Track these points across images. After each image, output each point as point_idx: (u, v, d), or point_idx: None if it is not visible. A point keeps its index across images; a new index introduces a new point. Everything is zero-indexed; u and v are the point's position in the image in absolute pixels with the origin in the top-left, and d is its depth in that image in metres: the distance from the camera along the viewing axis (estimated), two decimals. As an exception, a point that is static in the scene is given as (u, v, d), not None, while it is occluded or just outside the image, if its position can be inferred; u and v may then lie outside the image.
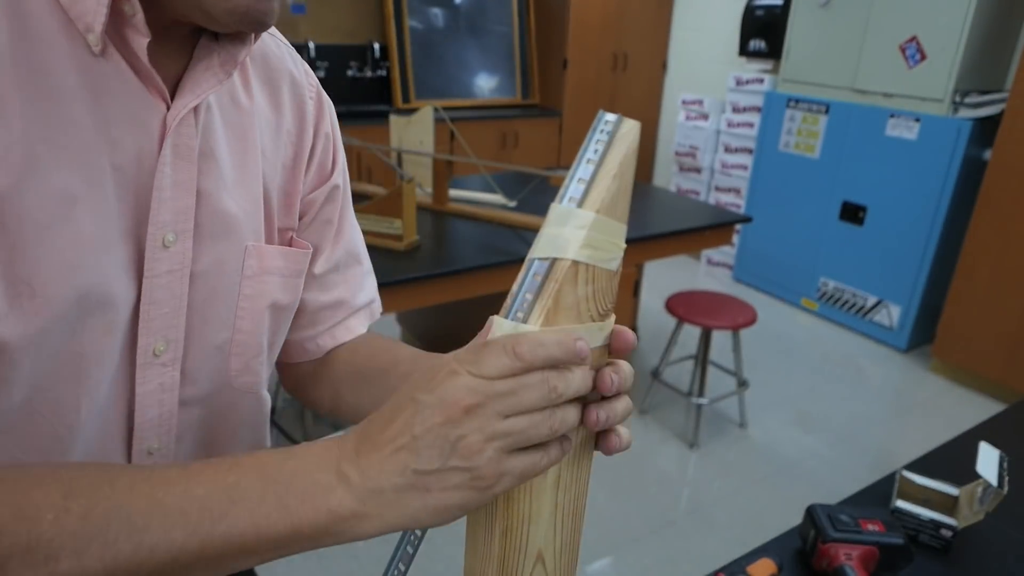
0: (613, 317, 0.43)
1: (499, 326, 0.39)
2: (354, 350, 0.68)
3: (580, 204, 0.38)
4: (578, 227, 0.38)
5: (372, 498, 0.37)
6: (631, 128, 0.40)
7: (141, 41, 0.41)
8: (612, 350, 0.42)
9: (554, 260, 0.38)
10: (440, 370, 0.38)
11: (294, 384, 0.72)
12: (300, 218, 0.61)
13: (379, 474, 0.37)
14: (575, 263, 0.38)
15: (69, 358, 0.44)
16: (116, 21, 0.40)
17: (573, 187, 0.39)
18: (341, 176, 0.64)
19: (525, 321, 0.38)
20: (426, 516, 0.37)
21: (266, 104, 0.56)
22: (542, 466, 0.39)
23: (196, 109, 0.47)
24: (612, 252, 0.40)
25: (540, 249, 0.39)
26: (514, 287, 0.39)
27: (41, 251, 0.40)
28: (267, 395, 0.63)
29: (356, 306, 0.68)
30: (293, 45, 0.60)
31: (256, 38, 0.50)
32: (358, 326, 0.69)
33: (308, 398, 0.71)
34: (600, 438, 0.44)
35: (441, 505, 0.37)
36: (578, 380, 0.39)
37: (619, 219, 0.40)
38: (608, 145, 0.39)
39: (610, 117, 0.40)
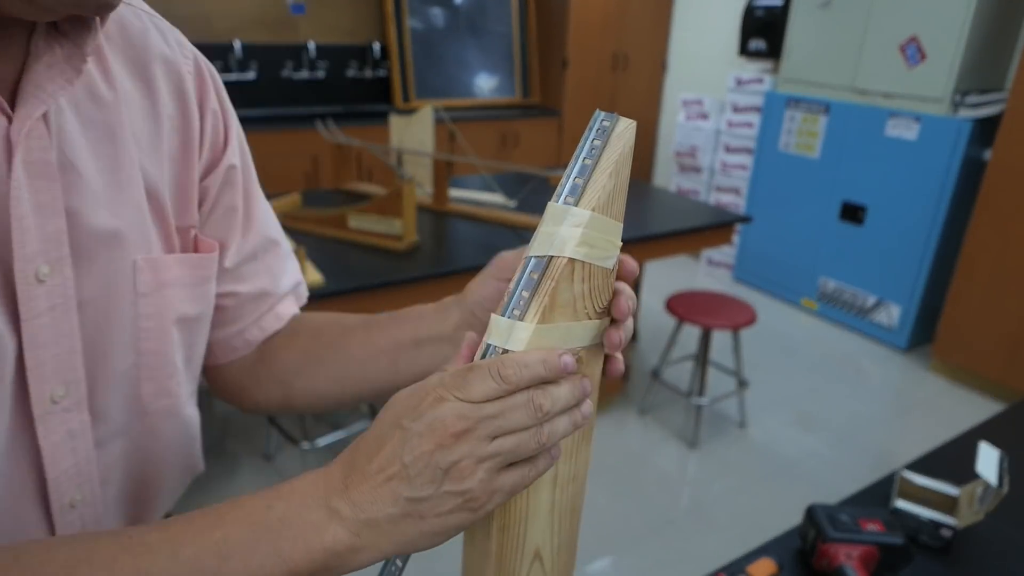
0: (609, 316, 0.43)
1: (496, 324, 0.39)
2: (292, 336, 0.62)
3: (576, 202, 0.39)
4: (574, 225, 0.38)
5: (367, 530, 0.36)
6: (627, 127, 0.40)
7: None
8: (618, 277, 0.43)
9: (550, 258, 0.39)
10: (425, 396, 0.37)
11: (230, 389, 0.64)
12: (199, 208, 0.55)
13: (371, 505, 0.36)
14: (571, 261, 0.38)
15: None
16: None
17: (570, 186, 0.39)
18: (238, 155, 0.57)
19: (522, 318, 0.38)
20: (423, 541, 0.37)
21: (135, 90, 0.48)
22: (531, 478, 0.39)
23: (45, 116, 0.40)
24: (608, 250, 0.40)
25: (537, 247, 0.39)
26: (511, 285, 0.40)
27: None
28: (193, 413, 0.58)
29: (281, 292, 0.63)
30: (293, 45, 0.56)
31: (103, 21, 0.43)
32: (287, 311, 0.64)
33: (252, 401, 0.64)
34: (606, 363, 0.45)
35: (437, 529, 0.37)
36: (565, 395, 0.39)
37: (615, 217, 0.40)
38: (604, 144, 0.39)
39: (606, 116, 0.40)
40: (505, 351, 0.38)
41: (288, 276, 0.64)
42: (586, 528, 0.49)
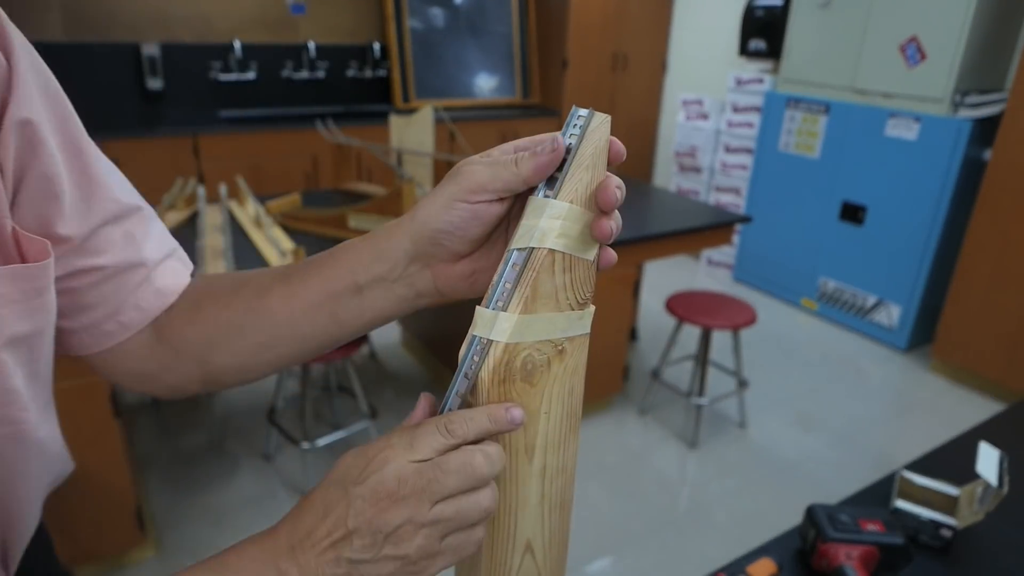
0: (592, 307, 0.44)
1: (480, 315, 0.40)
2: (194, 309, 0.53)
3: (555, 196, 0.40)
4: (553, 217, 0.39)
5: None
6: (602, 121, 0.41)
7: None
8: (609, 160, 0.42)
9: (531, 250, 0.40)
10: (371, 458, 0.38)
11: (130, 376, 0.55)
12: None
13: (318, 568, 0.37)
14: (552, 252, 0.40)
15: None
16: None
17: (548, 179, 0.41)
18: (38, 109, 0.44)
19: (505, 309, 0.39)
20: None
21: None
22: (474, 543, 0.40)
23: None
24: (588, 242, 0.41)
25: (518, 240, 0.40)
26: (495, 277, 0.41)
27: None
28: (48, 431, 0.50)
29: (152, 262, 0.53)
30: (293, 45, 0.47)
31: None
32: (170, 284, 0.54)
33: (166, 385, 0.55)
34: (600, 254, 0.43)
35: None
36: (498, 460, 0.39)
37: (594, 210, 0.41)
38: (580, 139, 0.40)
39: (582, 112, 0.41)
40: (490, 341, 0.39)
41: (155, 242, 0.53)
42: (586, 528, 0.49)
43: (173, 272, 0.54)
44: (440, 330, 2.81)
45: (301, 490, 2.12)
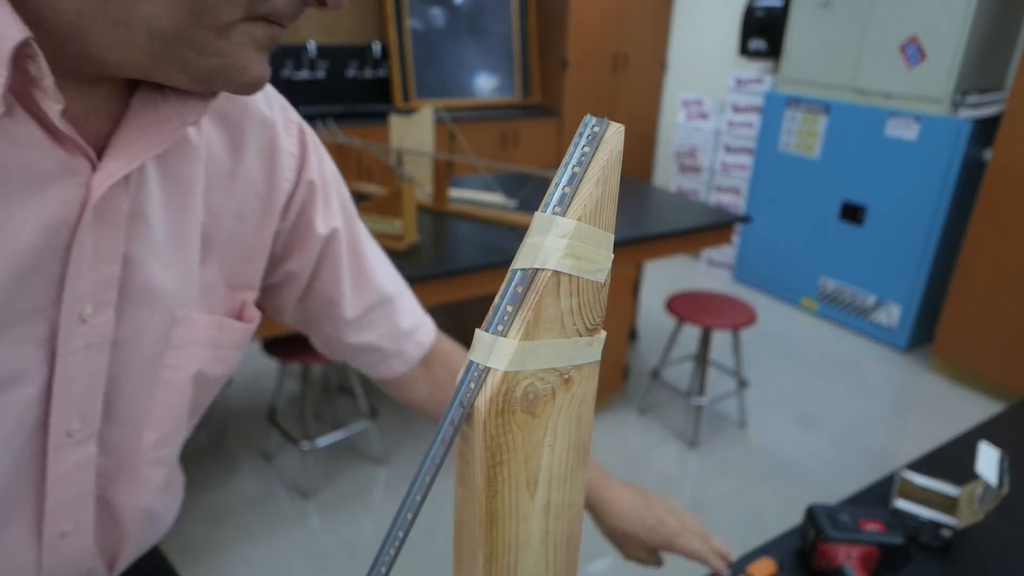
0: (603, 333, 0.41)
1: (479, 339, 0.38)
2: (425, 368, 0.74)
3: (564, 212, 0.37)
4: (559, 236, 0.36)
5: None
6: (615, 131, 0.38)
7: (52, 106, 0.33)
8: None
9: (535, 271, 0.37)
10: None
11: (410, 402, 0.76)
12: (280, 275, 0.57)
13: None
14: (557, 274, 0.36)
15: None
16: (22, 81, 0.33)
17: (557, 194, 0.37)
18: (339, 218, 0.59)
19: (505, 335, 0.37)
20: None
21: (221, 147, 0.48)
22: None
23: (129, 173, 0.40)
24: (597, 262, 0.38)
25: (522, 259, 0.37)
26: (496, 299, 0.38)
27: None
28: (176, 471, 0.59)
29: (407, 331, 0.70)
30: (293, 45, 0.55)
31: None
32: (412, 352, 0.72)
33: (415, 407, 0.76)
34: None
35: None
36: None
37: (604, 227, 0.38)
38: (593, 150, 0.37)
39: (596, 122, 0.38)
40: (487, 369, 0.37)
41: (407, 317, 0.71)
42: (586, 528, 0.49)
43: (412, 343, 0.72)
44: (440, 330, 2.81)
45: (301, 490, 2.12)
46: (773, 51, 3.67)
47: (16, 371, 0.39)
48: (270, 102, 0.52)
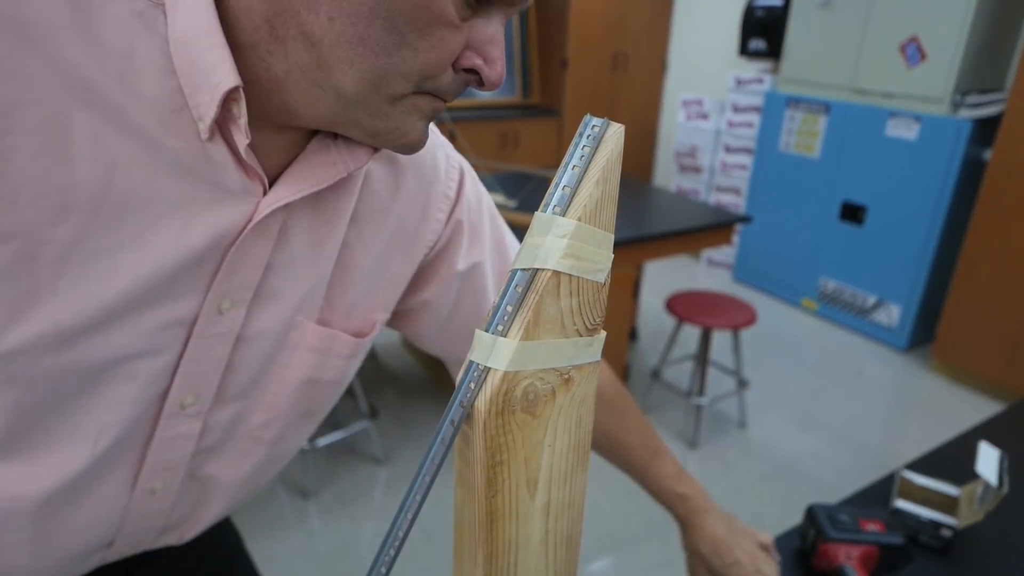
0: (603, 333, 0.41)
1: (479, 339, 0.38)
2: None
3: (563, 212, 0.37)
4: (559, 236, 0.36)
5: None
6: (616, 131, 0.38)
7: (242, 139, 0.41)
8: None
9: (535, 271, 0.37)
10: None
11: None
12: (416, 302, 0.63)
13: None
14: (557, 274, 0.36)
15: (93, 391, 0.44)
16: (225, 117, 0.41)
17: (557, 194, 0.37)
18: (489, 251, 0.64)
19: (505, 335, 0.37)
20: None
21: (383, 184, 0.55)
22: None
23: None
24: (597, 262, 0.38)
25: (522, 259, 0.37)
26: (496, 299, 0.38)
27: (82, 301, 0.41)
28: (289, 447, 0.63)
29: None
30: None
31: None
32: None
33: None
34: None
35: None
36: None
37: (604, 227, 0.38)
38: (593, 150, 0.37)
39: (596, 121, 0.38)
40: (487, 369, 0.37)
41: None
42: (586, 528, 0.48)
43: None
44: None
45: (301, 490, 2.12)
46: (773, 51, 3.67)
47: (160, 344, 0.46)
48: (434, 146, 0.59)
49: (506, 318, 0.37)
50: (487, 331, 0.37)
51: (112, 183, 0.40)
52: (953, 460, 1.02)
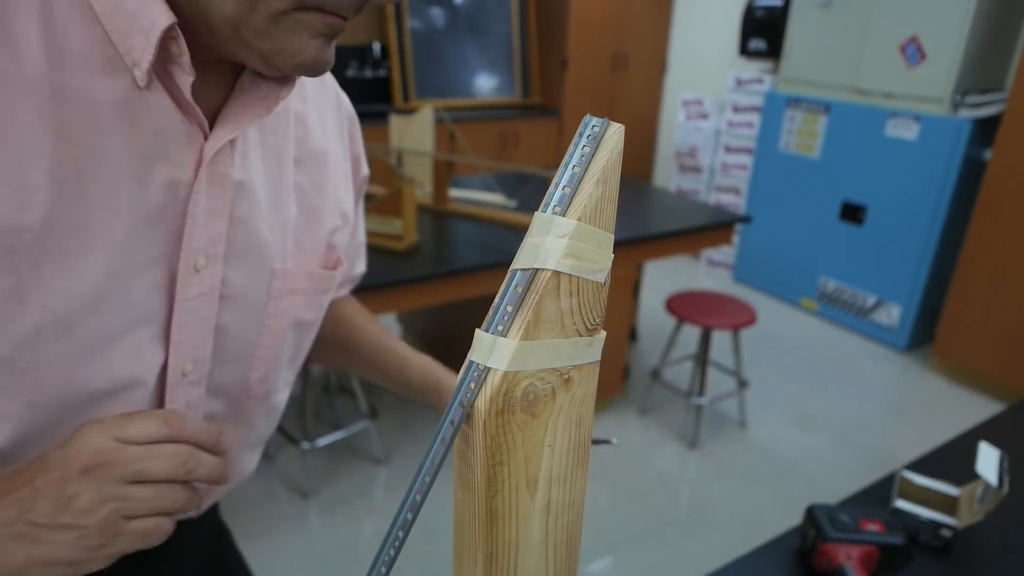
0: (603, 333, 0.41)
1: (479, 339, 0.38)
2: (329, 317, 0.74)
3: (564, 212, 0.37)
4: (559, 236, 0.36)
5: None
6: (616, 131, 0.38)
7: (186, 79, 0.41)
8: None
9: (535, 271, 0.37)
10: (79, 429, 0.40)
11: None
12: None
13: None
14: (557, 274, 0.36)
15: (102, 372, 0.44)
16: (162, 58, 0.41)
17: (558, 195, 0.37)
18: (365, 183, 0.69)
19: (505, 334, 0.37)
20: (31, 567, 0.38)
21: (313, 121, 0.58)
22: (165, 531, 0.41)
23: (233, 139, 0.47)
24: (597, 262, 0.38)
25: (522, 259, 0.37)
26: (496, 299, 0.38)
27: (68, 281, 0.40)
28: (280, 400, 0.65)
29: (351, 280, 0.76)
30: None
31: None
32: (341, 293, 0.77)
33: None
34: None
35: (47, 558, 0.38)
36: (211, 466, 0.43)
37: (604, 227, 0.38)
38: (593, 150, 0.37)
39: (596, 121, 0.38)
40: (487, 369, 0.37)
41: (359, 266, 0.76)
42: (586, 528, 0.48)
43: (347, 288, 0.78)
44: (440, 330, 2.81)
45: (301, 490, 2.12)
46: (773, 51, 3.67)
47: (148, 312, 0.46)
48: (332, 81, 0.62)
49: (506, 318, 0.37)
50: (487, 331, 0.37)
51: (63, 155, 0.39)
52: (953, 460, 1.02)
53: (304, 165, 0.56)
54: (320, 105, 0.59)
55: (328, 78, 0.61)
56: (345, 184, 0.63)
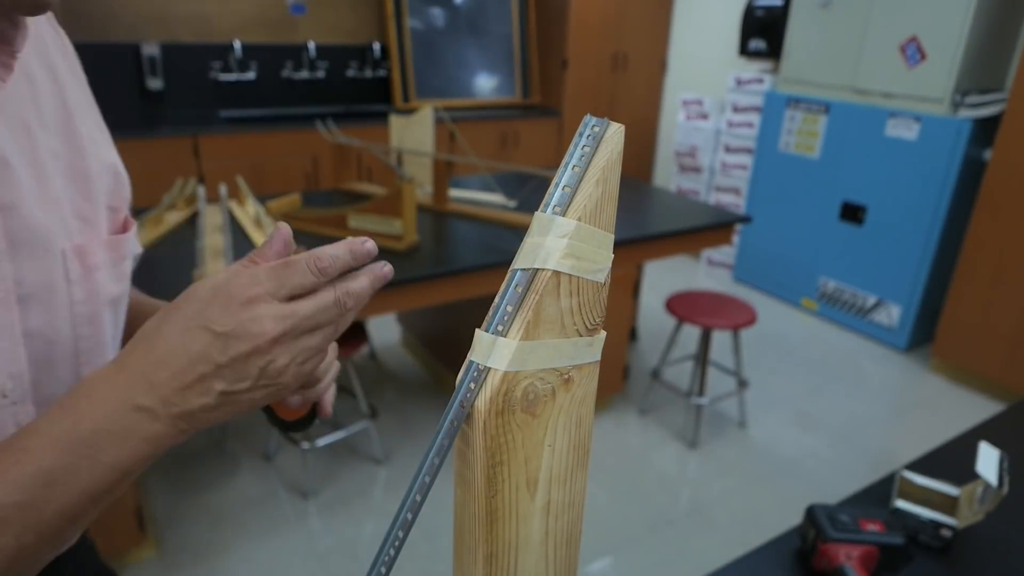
0: (603, 333, 0.41)
1: (479, 339, 0.38)
2: None
3: (564, 212, 0.37)
4: (559, 236, 0.36)
5: (183, 419, 0.39)
6: (616, 131, 0.38)
7: None
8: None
9: (535, 271, 0.37)
10: (234, 298, 0.39)
11: None
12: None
13: (184, 400, 0.38)
14: (557, 274, 0.36)
15: None
16: None
17: (558, 194, 0.37)
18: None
19: (505, 335, 0.37)
20: (235, 416, 0.41)
21: (41, 74, 0.49)
22: (324, 360, 0.44)
23: None
24: (597, 262, 0.38)
25: (522, 259, 0.37)
26: (496, 299, 0.38)
27: None
28: None
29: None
30: (293, 45, 0.55)
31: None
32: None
33: None
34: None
35: (247, 408, 0.41)
36: (361, 289, 0.43)
37: (604, 227, 0.38)
38: (593, 150, 0.37)
39: (596, 122, 0.38)
40: (487, 369, 0.37)
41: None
42: (586, 528, 0.48)
43: None
44: (440, 330, 2.81)
45: (301, 490, 2.12)
46: (773, 51, 3.67)
47: None
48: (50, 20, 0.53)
49: (506, 318, 0.37)
50: (487, 331, 0.37)
51: None
52: (953, 460, 1.02)
53: (51, 128, 0.48)
54: (48, 55, 0.50)
55: (40, 20, 0.52)
56: (103, 136, 0.55)
